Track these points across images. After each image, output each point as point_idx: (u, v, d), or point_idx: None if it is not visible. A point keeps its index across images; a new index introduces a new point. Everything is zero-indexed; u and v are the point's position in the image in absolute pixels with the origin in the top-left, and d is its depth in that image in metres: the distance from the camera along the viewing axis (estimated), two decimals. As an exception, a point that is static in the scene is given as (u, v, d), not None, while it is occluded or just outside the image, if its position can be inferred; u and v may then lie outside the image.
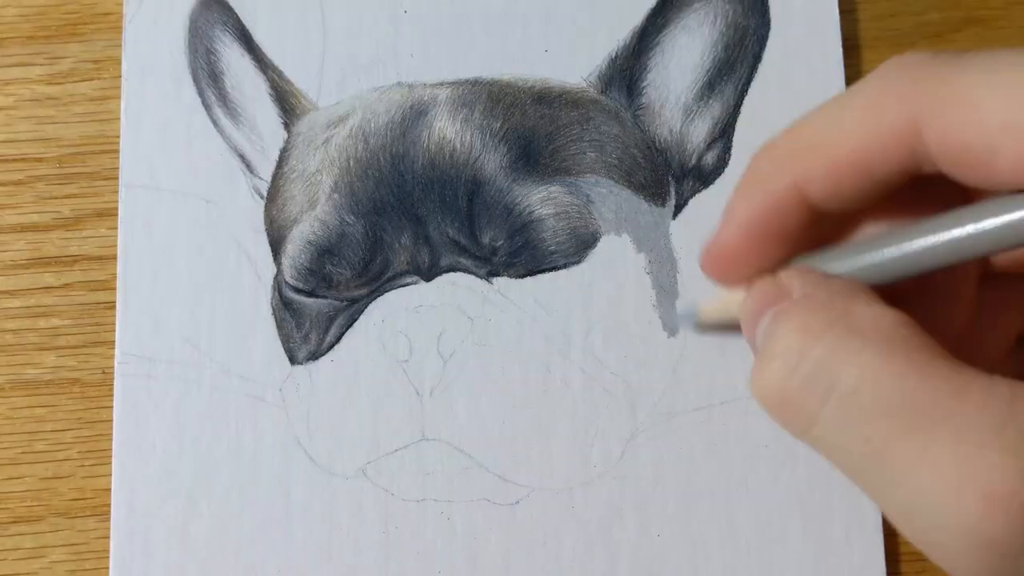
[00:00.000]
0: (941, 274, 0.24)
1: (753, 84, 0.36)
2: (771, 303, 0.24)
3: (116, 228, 0.36)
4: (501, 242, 0.35)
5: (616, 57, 0.37)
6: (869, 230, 0.26)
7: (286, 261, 0.35)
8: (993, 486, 0.19)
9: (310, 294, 0.35)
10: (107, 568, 0.33)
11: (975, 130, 0.21)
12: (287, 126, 0.37)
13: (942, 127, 0.21)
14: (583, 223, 0.35)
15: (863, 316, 0.22)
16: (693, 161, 0.36)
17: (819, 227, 0.26)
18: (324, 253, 0.35)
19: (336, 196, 0.35)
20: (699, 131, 0.36)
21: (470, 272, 0.35)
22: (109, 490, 0.34)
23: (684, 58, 0.36)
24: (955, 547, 0.20)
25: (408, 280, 0.35)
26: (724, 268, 0.26)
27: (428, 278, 0.35)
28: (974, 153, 0.21)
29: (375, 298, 0.35)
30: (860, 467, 0.21)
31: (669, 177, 0.36)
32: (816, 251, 0.26)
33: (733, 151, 0.36)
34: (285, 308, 0.35)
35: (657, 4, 0.37)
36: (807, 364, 0.21)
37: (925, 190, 0.24)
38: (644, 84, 0.36)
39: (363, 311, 0.35)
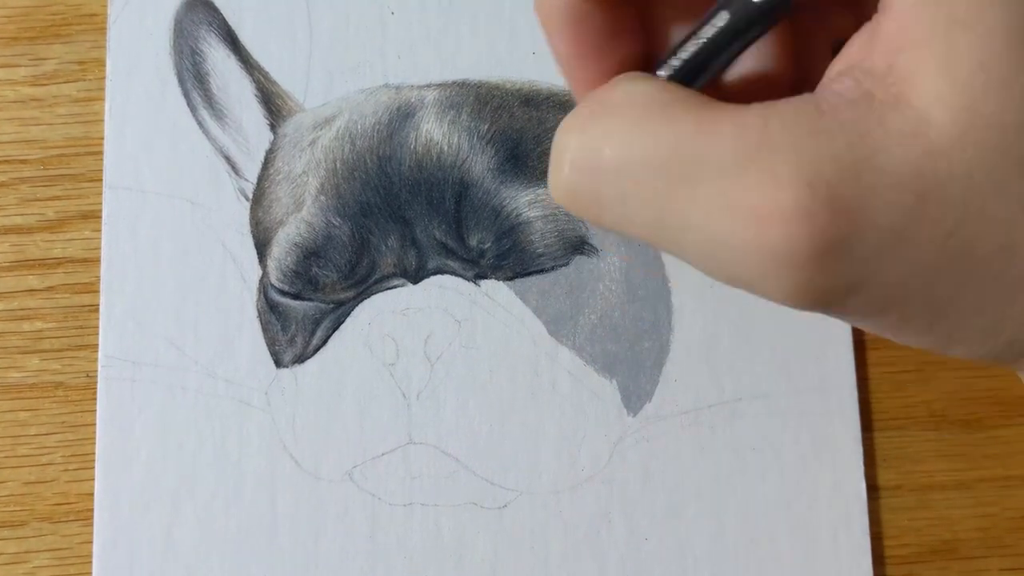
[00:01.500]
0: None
1: (741, 86, 0.36)
2: None
3: (100, 230, 0.35)
4: (489, 244, 0.34)
5: (604, 59, 0.36)
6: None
7: (272, 263, 0.35)
8: (759, 205, 0.20)
9: (296, 297, 0.35)
10: (90, 573, 0.33)
11: None
12: (273, 127, 0.36)
13: None
14: (570, 226, 0.35)
15: (617, 94, 0.22)
16: (681, 163, 0.36)
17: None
18: (310, 255, 0.35)
19: (322, 198, 0.35)
20: (687, 133, 0.36)
21: (457, 275, 0.35)
22: (93, 494, 0.34)
23: (672, 60, 0.36)
24: (755, 274, 0.20)
25: (395, 283, 0.35)
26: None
27: (415, 281, 0.35)
28: None
29: (362, 301, 0.35)
30: (654, 231, 0.22)
31: (657, 179, 0.36)
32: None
33: (721, 153, 0.36)
34: (271, 311, 0.35)
35: (645, 6, 0.37)
36: (574, 155, 0.22)
37: None
38: (632, 86, 0.36)
39: (349, 314, 0.35)
